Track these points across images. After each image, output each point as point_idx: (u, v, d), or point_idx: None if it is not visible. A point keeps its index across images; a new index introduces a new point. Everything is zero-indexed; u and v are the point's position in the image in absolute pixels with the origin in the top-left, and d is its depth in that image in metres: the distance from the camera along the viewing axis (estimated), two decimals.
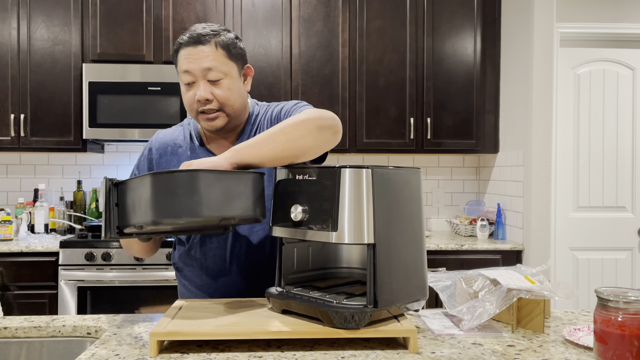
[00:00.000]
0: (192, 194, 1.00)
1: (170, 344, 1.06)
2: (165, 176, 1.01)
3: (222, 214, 1.04)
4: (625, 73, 3.27)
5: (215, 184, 1.03)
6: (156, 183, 1.01)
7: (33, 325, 1.24)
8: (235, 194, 1.06)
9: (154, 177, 1.01)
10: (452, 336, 1.14)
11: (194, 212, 1.01)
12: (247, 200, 1.08)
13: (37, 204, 3.11)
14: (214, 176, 1.03)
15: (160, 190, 1.00)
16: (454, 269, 2.53)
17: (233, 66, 1.31)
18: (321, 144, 1.19)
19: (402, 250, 1.09)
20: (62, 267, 2.73)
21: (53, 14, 3.04)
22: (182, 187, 1.00)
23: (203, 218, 1.02)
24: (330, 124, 1.20)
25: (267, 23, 3.11)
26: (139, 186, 1.03)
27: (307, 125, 1.17)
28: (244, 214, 1.07)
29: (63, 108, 3.04)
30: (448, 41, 3.18)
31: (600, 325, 0.95)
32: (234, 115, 1.33)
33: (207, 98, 1.28)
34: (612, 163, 3.26)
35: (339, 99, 3.14)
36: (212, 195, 1.02)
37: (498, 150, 3.26)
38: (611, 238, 3.26)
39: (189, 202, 1.00)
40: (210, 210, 1.02)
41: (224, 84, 1.29)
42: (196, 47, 1.27)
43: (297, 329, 1.03)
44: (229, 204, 1.05)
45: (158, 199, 1.00)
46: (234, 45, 1.31)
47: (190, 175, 1.01)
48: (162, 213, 1.00)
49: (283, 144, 1.14)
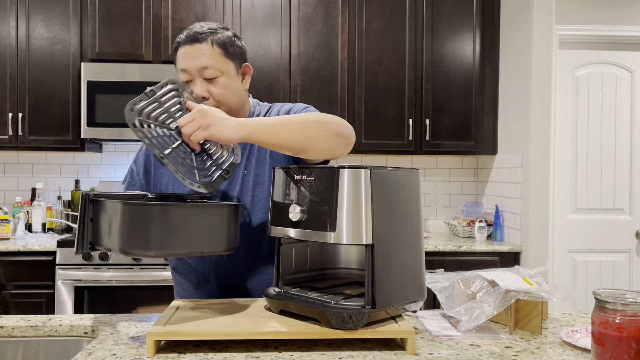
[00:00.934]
0: (163, 227, 0.99)
1: (167, 344, 1.06)
2: (138, 207, 1.00)
3: (192, 249, 1.04)
4: (623, 75, 3.27)
5: (187, 218, 1.02)
6: (127, 212, 0.99)
7: (30, 325, 1.24)
8: (208, 228, 1.05)
9: (125, 207, 1.00)
10: (449, 337, 1.14)
11: (164, 246, 1.00)
12: (220, 233, 1.08)
13: (34, 203, 3.10)
14: (187, 211, 1.02)
15: (131, 220, 0.99)
16: (452, 270, 2.52)
17: (230, 64, 1.31)
18: (333, 150, 1.19)
19: (401, 251, 1.09)
20: (59, 267, 2.72)
21: (52, 13, 3.03)
22: (154, 220, 0.99)
23: (173, 252, 1.03)
24: (347, 133, 1.21)
25: (266, 23, 3.11)
26: (112, 211, 1.02)
27: (327, 128, 1.17)
28: (215, 248, 1.07)
29: (61, 107, 3.04)
30: (447, 43, 3.19)
31: (598, 327, 0.95)
32: (230, 113, 1.32)
33: (203, 96, 1.28)
34: (610, 165, 3.26)
35: (338, 99, 3.14)
36: (184, 230, 1.02)
37: (496, 152, 3.26)
38: (609, 240, 3.26)
39: (160, 236, 0.99)
40: (181, 245, 1.02)
41: (220, 82, 1.29)
42: (193, 45, 1.28)
43: (294, 330, 1.03)
44: (200, 239, 1.04)
45: (128, 228, 0.99)
46: (231, 43, 1.32)
47: (163, 209, 1.00)
48: (132, 244, 1.00)
49: (299, 137, 1.13)
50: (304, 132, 1.14)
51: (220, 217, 1.07)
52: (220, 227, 1.07)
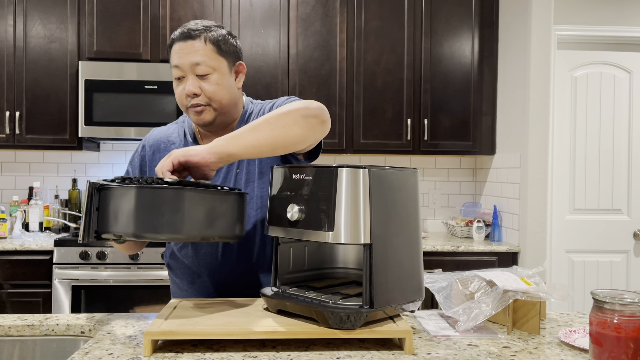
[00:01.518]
0: (175, 211, 1.00)
1: (164, 344, 1.05)
2: (151, 191, 1.00)
3: (203, 233, 1.05)
4: (622, 76, 3.28)
5: (199, 203, 1.03)
6: (141, 196, 1.00)
7: (26, 324, 1.23)
8: (218, 213, 1.07)
9: (139, 190, 1.00)
10: (447, 337, 1.14)
11: (175, 230, 1.01)
12: (229, 220, 1.09)
13: (31, 202, 3.09)
14: (199, 195, 1.04)
15: (145, 204, 1.00)
16: (449, 271, 2.52)
17: (223, 61, 1.31)
18: (308, 132, 1.18)
19: (399, 250, 1.08)
20: (56, 266, 2.72)
21: (49, 11, 3.02)
22: (167, 204, 1.00)
23: (184, 236, 1.03)
24: (316, 112, 1.20)
25: (264, 22, 3.11)
26: (123, 196, 1.02)
27: (292, 115, 1.16)
28: (224, 233, 1.09)
29: (59, 106, 3.03)
30: (446, 43, 3.19)
31: (596, 327, 0.95)
32: (221, 110, 1.33)
33: (194, 92, 1.28)
34: (608, 166, 3.27)
35: (337, 99, 3.13)
36: (195, 214, 1.03)
37: (495, 152, 3.26)
38: (607, 240, 3.27)
39: (172, 219, 1.00)
40: (192, 229, 1.03)
41: (212, 79, 1.29)
42: (186, 41, 1.28)
43: (292, 329, 1.03)
44: (211, 224, 1.06)
45: (141, 212, 1.00)
46: (224, 41, 1.32)
47: (176, 193, 1.01)
48: (144, 227, 1.00)
49: (267, 133, 1.13)
50: (269, 125, 1.14)
51: (231, 204, 1.09)
52: (230, 214, 1.09)
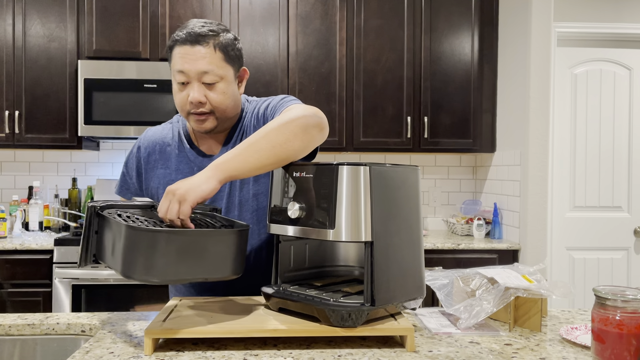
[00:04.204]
0: (167, 255, 0.97)
1: (165, 342, 1.05)
2: (142, 233, 0.96)
3: (196, 276, 1.02)
4: (622, 73, 3.27)
5: (194, 246, 0.99)
6: (132, 237, 0.96)
7: (27, 323, 1.23)
8: (214, 254, 1.02)
9: (130, 231, 0.96)
10: (449, 335, 1.13)
11: (167, 273, 0.98)
12: (226, 260, 1.04)
13: (31, 202, 3.09)
14: (194, 239, 1.00)
15: (135, 245, 0.96)
16: (450, 268, 2.52)
17: (229, 69, 1.28)
18: (309, 144, 1.16)
19: (400, 248, 1.08)
20: (56, 265, 2.71)
21: (48, 10, 3.02)
22: (158, 248, 0.96)
23: (177, 279, 1.02)
24: (315, 122, 1.16)
25: (264, 21, 3.10)
26: (116, 231, 0.99)
27: (291, 128, 1.12)
28: (220, 274, 1.05)
29: (58, 105, 3.02)
30: (445, 40, 3.18)
31: (598, 324, 0.95)
32: (224, 118, 1.30)
33: (200, 101, 1.25)
34: (609, 163, 3.26)
35: (336, 97, 3.13)
36: (189, 258, 0.99)
37: (495, 150, 3.26)
38: (607, 238, 3.26)
39: (163, 263, 0.97)
40: (185, 274, 1.00)
41: (218, 88, 1.26)
42: (194, 46, 1.23)
43: (293, 327, 1.03)
44: (206, 266, 1.02)
45: (131, 254, 0.96)
46: (232, 47, 1.28)
47: (169, 237, 0.97)
48: (134, 269, 0.97)
49: (269, 152, 1.09)
50: (270, 143, 1.10)
51: (227, 244, 1.04)
52: (226, 254, 1.04)
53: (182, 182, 1.05)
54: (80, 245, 1.07)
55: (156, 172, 1.38)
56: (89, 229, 1.06)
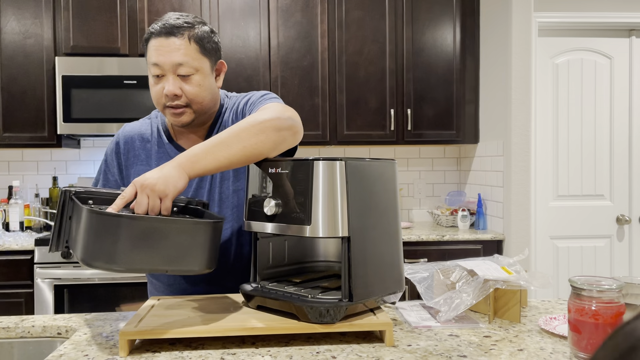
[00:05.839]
0: (129, 240, 0.91)
1: (142, 343, 1.04)
2: (104, 217, 0.91)
3: (156, 266, 0.96)
4: (603, 62, 3.29)
5: (156, 234, 0.94)
6: (92, 221, 0.91)
7: (2, 326, 1.21)
8: (177, 244, 0.96)
9: (90, 215, 0.91)
10: (429, 328, 1.13)
11: (130, 261, 0.92)
12: (191, 252, 0.98)
13: (11, 202, 3.04)
14: (157, 226, 0.95)
15: (95, 230, 0.91)
16: (435, 260, 2.53)
17: (205, 62, 1.26)
18: (280, 145, 1.14)
19: (377, 243, 1.07)
20: (37, 266, 2.68)
21: (24, 6, 2.95)
22: (121, 233, 0.91)
23: (140, 267, 0.95)
24: (288, 124, 1.15)
25: (244, 14, 3.07)
26: (79, 215, 0.94)
27: (264, 127, 1.10)
28: (184, 267, 0.98)
29: (36, 103, 2.97)
30: (427, 32, 3.17)
31: (575, 314, 0.95)
32: (201, 111, 1.28)
33: (175, 93, 1.23)
34: (591, 151, 3.29)
35: (319, 90, 3.11)
36: (148, 246, 0.94)
37: (478, 141, 3.27)
38: (590, 226, 3.29)
39: (126, 250, 0.92)
40: (143, 262, 0.94)
41: (194, 80, 1.24)
42: (168, 38, 1.22)
43: (271, 325, 1.02)
44: (166, 255, 0.95)
45: (91, 238, 0.91)
46: (208, 39, 1.26)
47: (131, 222, 0.92)
48: (94, 255, 0.91)
49: (239, 150, 1.08)
50: (241, 142, 1.08)
51: (192, 234, 0.98)
52: (191, 245, 0.98)
53: (154, 176, 1.00)
54: (52, 229, 1.03)
55: (136, 168, 1.36)
56: (62, 214, 1.03)
